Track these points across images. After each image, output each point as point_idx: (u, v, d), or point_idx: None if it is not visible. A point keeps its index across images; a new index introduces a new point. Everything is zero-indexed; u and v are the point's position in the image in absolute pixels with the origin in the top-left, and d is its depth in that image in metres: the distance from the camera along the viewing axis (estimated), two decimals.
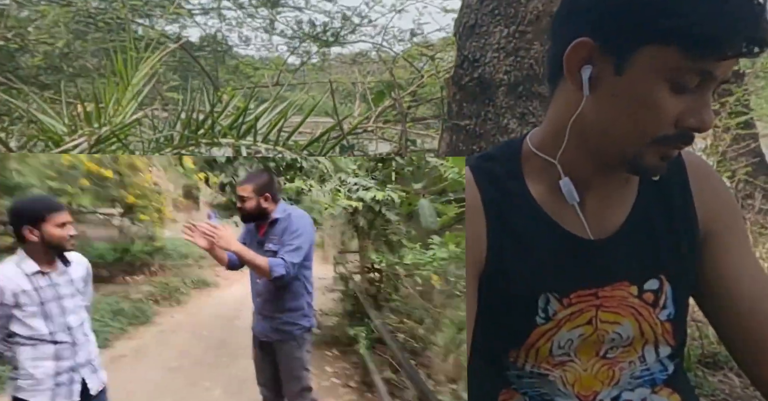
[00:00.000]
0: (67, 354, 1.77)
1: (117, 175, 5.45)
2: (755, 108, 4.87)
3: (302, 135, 2.34)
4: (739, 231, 0.84)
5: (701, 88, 0.66)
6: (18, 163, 5.07)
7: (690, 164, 0.84)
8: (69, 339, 1.77)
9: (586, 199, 0.80)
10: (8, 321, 1.70)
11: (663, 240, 0.81)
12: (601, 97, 0.70)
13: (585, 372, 0.82)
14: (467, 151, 2.21)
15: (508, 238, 0.80)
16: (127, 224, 7.12)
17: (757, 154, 4.87)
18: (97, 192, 5.55)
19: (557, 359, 0.81)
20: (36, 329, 1.72)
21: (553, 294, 0.79)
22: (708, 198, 0.83)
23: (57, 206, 1.75)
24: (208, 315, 6.00)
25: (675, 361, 0.85)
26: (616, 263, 0.80)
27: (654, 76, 0.65)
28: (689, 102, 0.66)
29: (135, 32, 3.69)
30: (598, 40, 0.68)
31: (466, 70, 2.21)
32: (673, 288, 0.81)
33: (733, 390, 2.79)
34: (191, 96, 1.63)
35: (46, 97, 2.59)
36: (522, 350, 0.82)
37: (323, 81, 4.82)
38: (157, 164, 6.64)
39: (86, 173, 4.93)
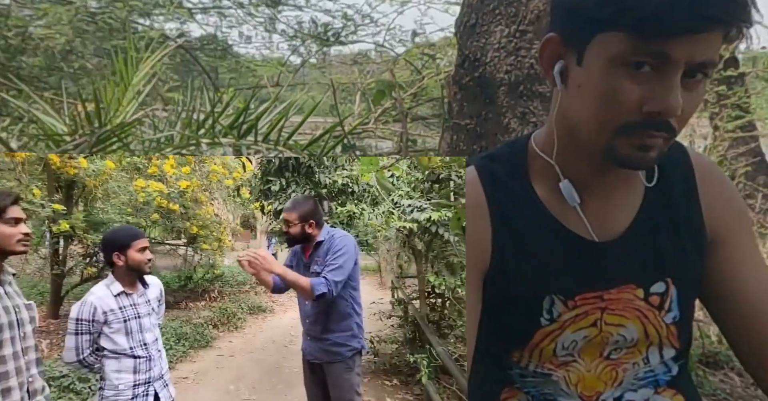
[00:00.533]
0: (144, 368, 2.03)
1: (182, 209, 5.90)
2: (755, 108, 4.87)
3: (302, 135, 2.34)
4: (746, 233, 0.84)
5: (662, 72, 0.65)
6: (102, 202, 5.76)
7: (698, 166, 0.84)
8: (145, 354, 2.03)
9: (588, 200, 0.80)
10: (98, 336, 1.96)
11: (669, 243, 0.80)
12: (571, 89, 0.72)
13: (588, 373, 0.82)
14: (468, 151, 2.21)
15: (512, 239, 0.79)
16: (190, 253, 7.75)
17: (757, 153, 4.86)
18: (165, 224, 6.07)
19: (561, 359, 0.81)
20: (119, 344, 1.97)
21: (558, 297, 0.79)
22: (716, 201, 0.83)
23: (138, 234, 2.05)
24: (264, 339, 6.18)
25: (679, 363, 0.85)
26: (622, 266, 0.79)
27: (609, 63, 0.66)
28: (651, 87, 0.65)
29: (135, 31, 3.69)
30: (561, 34, 0.71)
31: (467, 70, 2.21)
32: (679, 291, 0.81)
33: (734, 390, 2.79)
34: (192, 96, 1.63)
35: (47, 97, 2.59)
36: (526, 350, 0.82)
37: (324, 81, 4.82)
38: (218, 196, 7.16)
39: (157, 208, 5.44)
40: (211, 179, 6.36)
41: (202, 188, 6.21)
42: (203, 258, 7.74)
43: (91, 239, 5.22)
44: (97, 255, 6.14)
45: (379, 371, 4.33)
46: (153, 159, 5.55)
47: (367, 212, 5.49)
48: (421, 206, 4.11)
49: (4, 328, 1.42)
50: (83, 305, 1.95)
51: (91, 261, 6.10)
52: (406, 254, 5.36)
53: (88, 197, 5.91)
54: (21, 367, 1.48)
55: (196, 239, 6.74)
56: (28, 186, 4.64)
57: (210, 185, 6.47)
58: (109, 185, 5.45)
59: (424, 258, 4.75)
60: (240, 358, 5.33)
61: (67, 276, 6.03)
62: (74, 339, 1.94)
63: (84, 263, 6.00)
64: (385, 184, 4.05)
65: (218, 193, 7.15)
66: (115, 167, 5.27)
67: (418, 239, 4.59)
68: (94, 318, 1.93)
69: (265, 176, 6.86)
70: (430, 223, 3.95)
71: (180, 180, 5.66)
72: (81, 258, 6.04)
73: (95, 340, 1.97)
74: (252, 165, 6.76)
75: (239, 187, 7.26)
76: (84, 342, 1.95)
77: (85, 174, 4.98)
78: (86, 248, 5.99)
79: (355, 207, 5.56)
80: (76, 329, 1.94)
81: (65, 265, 5.86)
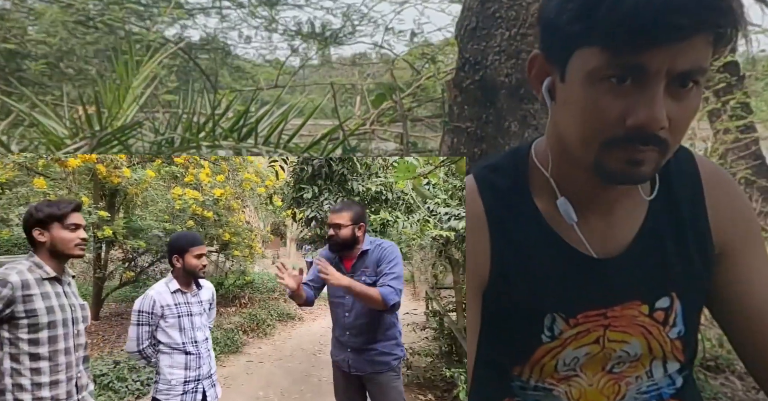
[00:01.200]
0: (194, 365, 2.17)
1: (216, 216, 6.10)
2: (755, 110, 4.87)
3: (302, 137, 2.34)
4: (754, 239, 0.82)
5: (643, 84, 0.63)
6: (141, 209, 6.05)
7: (706, 174, 0.81)
8: (195, 351, 2.18)
9: (589, 216, 0.77)
10: (156, 329, 2.14)
11: (674, 256, 0.78)
12: (558, 105, 0.72)
13: (590, 387, 0.80)
14: (468, 154, 2.21)
15: (511, 254, 0.78)
16: (221, 259, 8.02)
17: (758, 156, 4.86)
18: (199, 231, 6.16)
19: (562, 374, 0.80)
20: (173, 338, 2.14)
21: (559, 314, 0.77)
22: (724, 209, 0.81)
23: (197, 241, 2.20)
24: (293, 347, 6.22)
25: (684, 374, 0.84)
26: (626, 282, 0.77)
27: (588, 78, 0.65)
28: (633, 99, 0.63)
29: (133, 34, 3.69)
30: (544, 52, 0.71)
31: (467, 73, 2.21)
32: (684, 305, 0.79)
33: (735, 393, 2.78)
34: (192, 98, 1.62)
35: (48, 100, 2.59)
36: (527, 366, 0.80)
37: (323, 83, 4.82)
38: (250, 204, 7.37)
39: (192, 215, 5.65)
40: (244, 187, 6.47)
41: (235, 196, 6.33)
42: (234, 265, 7.97)
43: (131, 244, 5.48)
44: (135, 260, 6.48)
45: (413, 384, 4.20)
46: (190, 168, 5.72)
47: (401, 220, 5.41)
48: (459, 214, 3.98)
49: (59, 325, 1.56)
50: (144, 298, 2.14)
51: (130, 265, 6.40)
52: (442, 264, 5.25)
53: (128, 205, 6.18)
54: (71, 362, 1.61)
55: (228, 246, 6.91)
56: (77, 194, 4.89)
57: (243, 193, 6.59)
58: (148, 193, 5.69)
59: (462, 268, 4.60)
60: (269, 365, 5.36)
61: (107, 279, 6.29)
62: (135, 329, 2.12)
63: (123, 267, 6.28)
64: (422, 191, 3.96)
65: (250, 200, 7.33)
66: (154, 176, 5.46)
67: (455, 248, 4.45)
68: (153, 311, 2.11)
69: (297, 184, 6.84)
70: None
71: (215, 188, 5.81)
72: (120, 263, 6.34)
73: (153, 333, 2.14)
74: (284, 173, 6.77)
75: (272, 194, 7.37)
76: (144, 333, 2.12)
77: (127, 182, 5.21)
78: (126, 253, 6.32)
79: (389, 215, 5.50)
80: (138, 320, 2.12)
81: (106, 269, 6.12)
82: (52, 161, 4.30)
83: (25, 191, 4.57)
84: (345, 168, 6.67)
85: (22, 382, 1.50)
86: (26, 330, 1.50)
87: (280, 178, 6.97)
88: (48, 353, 1.53)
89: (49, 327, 1.54)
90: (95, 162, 4.49)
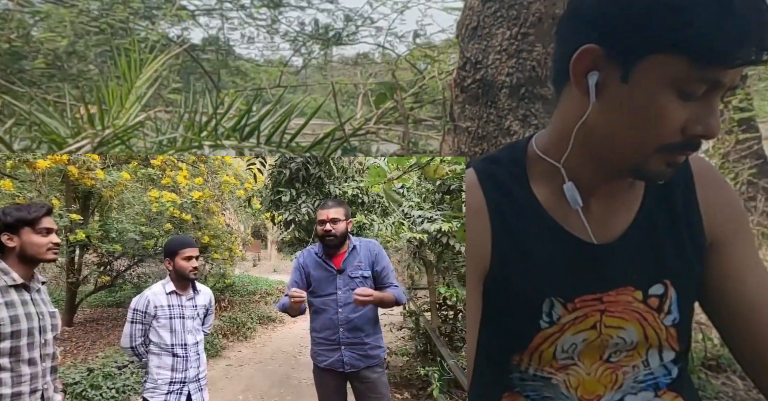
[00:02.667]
0: (180, 368, 2.20)
1: (195, 219, 6.05)
2: (758, 110, 4.86)
3: (304, 137, 2.34)
4: (745, 236, 0.83)
5: (708, 95, 0.65)
6: (117, 212, 5.98)
7: (697, 169, 0.84)
8: (183, 354, 2.21)
9: (591, 203, 0.80)
10: (149, 329, 2.19)
11: (668, 245, 0.80)
12: (607, 104, 0.69)
13: (588, 376, 0.82)
14: (470, 153, 2.21)
15: (512, 242, 0.79)
16: (201, 262, 7.80)
17: (760, 156, 4.86)
18: (177, 234, 6.14)
19: (561, 363, 0.81)
20: (163, 339, 2.18)
21: (558, 299, 0.79)
22: (714, 203, 0.83)
23: (186, 244, 2.24)
24: (273, 350, 6.21)
25: (679, 365, 0.85)
26: (620, 268, 0.79)
27: (660, 84, 0.64)
28: (696, 109, 0.65)
29: (137, 34, 3.70)
30: (605, 47, 0.67)
31: (468, 72, 2.21)
32: (678, 293, 0.81)
33: (736, 393, 2.78)
34: (194, 98, 1.63)
35: (50, 100, 2.60)
36: (525, 353, 0.82)
37: (325, 83, 4.82)
38: (229, 207, 7.34)
39: (170, 218, 5.58)
40: (223, 189, 6.45)
41: (214, 198, 6.30)
42: (214, 268, 7.89)
43: (105, 248, 5.40)
44: (111, 264, 6.42)
45: (390, 384, 4.26)
46: (167, 170, 5.66)
47: (377, 223, 5.48)
48: (432, 217, 4.11)
49: (23, 334, 1.48)
50: (140, 298, 2.21)
51: (105, 269, 6.33)
52: (417, 265, 5.33)
53: (103, 207, 6.09)
54: (37, 373, 1.52)
55: (207, 249, 6.86)
56: (47, 196, 4.76)
57: (222, 195, 6.55)
58: (124, 196, 5.59)
59: (435, 269, 4.71)
60: (249, 368, 5.35)
61: (81, 284, 6.19)
62: (130, 326, 2.19)
63: (98, 272, 6.20)
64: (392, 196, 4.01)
65: (230, 203, 7.27)
66: (130, 178, 5.39)
67: (429, 250, 4.55)
68: (147, 310, 2.17)
69: (275, 187, 6.90)
70: (440, 234, 3.92)
71: (193, 190, 5.75)
72: (95, 267, 6.26)
73: (146, 332, 2.20)
74: (263, 176, 6.79)
75: (250, 197, 7.36)
76: (137, 330, 2.19)
77: (101, 185, 5.10)
78: (101, 257, 6.25)
79: (365, 217, 5.55)
80: (132, 318, 2.19)
81: (80, 274, 6.04)
82: (20, 162, 4.17)
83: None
84: (322, 171, 6.76)
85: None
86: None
87: (259, 181, 6.99)
88: (10, 363, 1.45)
89: (12, 337, 1.45)
90: (66, 163, 4.33)
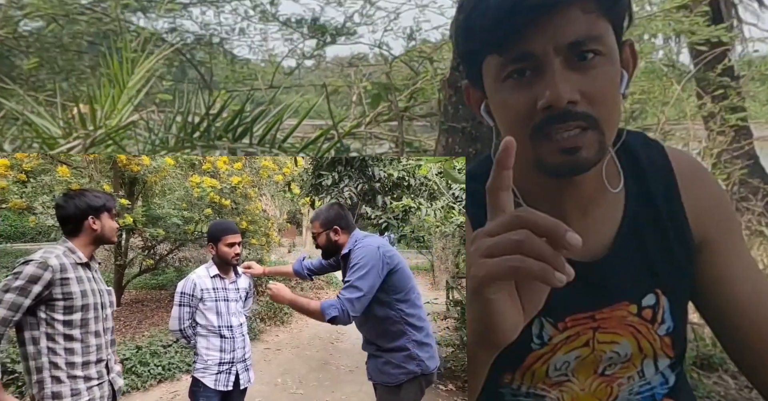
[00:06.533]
0: (228, 348, 2.30)
1: (233, 204, 6.11)
2: (749, 110, 4.89)
3: (299, 137, 2.34)
4: (734, 231, 0.81)
5: (539, 68, 0.65)
6: (159, 198, 6.08)
7: (678, 165, 0.81)
8: (230, 336, 2.30)
9: (564, 219, 0.74)
10: (196, 311, 2.28)
11: (655, 252, 0.78)
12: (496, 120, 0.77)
13: (583, 392, 0.79)
14: (464, 153, 2.21)
15: None
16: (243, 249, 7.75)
17: (752, 156, 4.89)
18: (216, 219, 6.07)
19: (554, 380, 0.79)
20: (210, 321, 2.27)
21: (547, 320, 0.76)
22: (699, 199, 0.80)
23: (229, 230, 2.30)
24: (310, 335, 6.28)
25: (676, 371, 0.83)
26: (612, 284, 0.77)
27: (495, 84, 0.70)
28: (537, 86, 0.66)
29: (128, 29, 3.67)
30: (468, 80, 0.78)
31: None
32: (670, 300, 0.79)
33: (728, 392, 2.80)
34: (187, 98, 1.62)
35: (41, 99, 2.57)
36: (518, 372, 0.79)
37: (319, 83, 4.81)
38: (266, 192, 7.30)
39: (210, 203, 5.69)
40: (261, 175, 6.45)
41: (252, 184, 6.33)
42: (251, 253, 7.91)
43: (150, 232, 5.56)
44: (154, 248, 6.57)
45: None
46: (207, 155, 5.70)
47: (424, 207, 5.25)
48: None
49: (90, 308, 1.66)
50: (187, 281, 2.29)
51: (149, 253, 6.48)
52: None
53: (147, 193, 6.23)
54: (101, 345, 1.71)
55: (245, 234, 6.85)
56: (98, 183, 4.97)
57: (260, 181, 6.56)
58: (166, 181, 5.73)
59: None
60: (287, 353, 5.45)
61: (127, 267, 6.40)
62: (178, 309, 2.28)
63: (143, 255, 6.38)
64: (452, 175, 3.80)
65: (267, 188, 7.29)
66: (173, 164, 5.47)
67: None
68: (193, 293, 2.26)
69: (316, 170, 6.66)
70: None
71: (232, 175, 5.82)
72: (140, 251, 6.44)
73: (193, 314, 2.28)
74: (303, 160, 6.71)
75: (290, 182, 7.33)
76: (185, 313, 2.27)
77: (146, 170, 5.27)
78: (145, 241, 6.37)
79: (412, 201, 5.34)
80: (180, 301, 2.28)
81: (127, 257, 6.21)
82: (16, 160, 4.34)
83: (49, 179, 4.62)
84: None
85: (57, 361, 1.60)
86: (62, 312, 1.60)
87: (299, 165, 6.92)
88: (80, 334, 1.63)
89: (83, 309, 1.63)
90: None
